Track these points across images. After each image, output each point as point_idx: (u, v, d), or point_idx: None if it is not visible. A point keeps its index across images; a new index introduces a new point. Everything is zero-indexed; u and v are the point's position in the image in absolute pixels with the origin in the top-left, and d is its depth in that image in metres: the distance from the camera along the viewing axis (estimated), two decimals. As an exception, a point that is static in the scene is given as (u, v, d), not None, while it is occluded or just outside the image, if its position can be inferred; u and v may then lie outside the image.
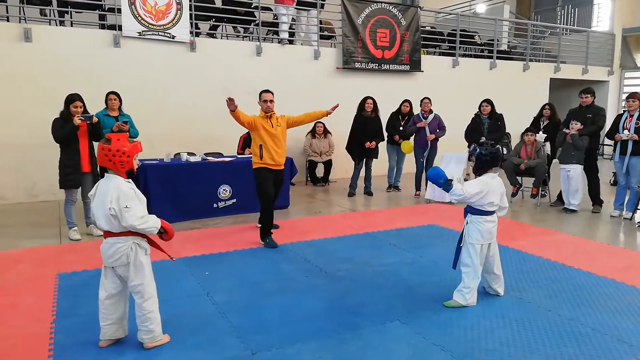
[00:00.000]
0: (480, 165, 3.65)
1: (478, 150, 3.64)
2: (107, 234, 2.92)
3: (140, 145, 3.03)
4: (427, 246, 5.22)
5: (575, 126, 6.62)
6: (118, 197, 2.82)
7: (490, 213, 3.63)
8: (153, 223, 2.94)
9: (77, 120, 5.22)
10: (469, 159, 3.74)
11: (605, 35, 14.23)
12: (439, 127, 7.90)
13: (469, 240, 3.61)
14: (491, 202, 3.57)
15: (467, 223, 3.66)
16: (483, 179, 3.60)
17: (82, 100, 5.37)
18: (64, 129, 5.23)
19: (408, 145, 7.96)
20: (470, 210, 3.65)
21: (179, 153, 7.00)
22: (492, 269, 3.76)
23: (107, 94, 6.38)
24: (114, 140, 2.90)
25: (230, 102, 5.01)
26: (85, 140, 5.44)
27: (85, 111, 5.41)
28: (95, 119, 5.46)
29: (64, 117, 5.29)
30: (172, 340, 3.12)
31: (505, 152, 7.57)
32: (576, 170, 6.71)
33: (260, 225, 5.39)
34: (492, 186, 3.58)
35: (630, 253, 5.08)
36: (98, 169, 5.69)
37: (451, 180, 3.55)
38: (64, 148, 5.37)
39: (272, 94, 5.31)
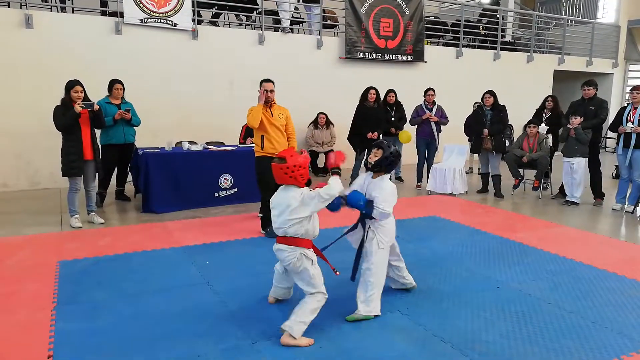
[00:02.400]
0: (386, 164, 3.36)
1: (393, 151, 3.37)
2: (280, 239, 3.09)
3: (307, 154, 3.16)
4: (428, 237, 5.22)
5: (576, 120, 6.59)
6: (303, 200, 3.00)
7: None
8: (334, 189, 3.04)
9: (78, 108, 5.19)
10: (374, 148, 3.42)
11: (610, 27, 14.11)
12: (441, 117, 7.91)
13: (380, 246, 3.34)
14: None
15: (369, 227, 3.39)
16: (389, 186, 3.36)
17: (82, 86, 5.33)
18: (66, 117, 5.21)
19: (406, 134, 7.90)
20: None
21: (180, 142, 6.98)
22: (398, 263, 3.64)
23: (113, 83, 6.35)
24: (288, 158, 3.01)
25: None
26: (87, 128, 5.41)
27: (85, 97, 5.37)
28: (96, 107, 5.43)
29: (65, 103, 5.26)
30: (173, 329, 3.13)
31: (507, 143, 7.53)
32: (580, 163, 6.69)
33: (261, 215, 5.39)
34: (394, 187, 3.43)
35: (632, 246, 5.08)
36: (100, 156, 5.68)
37: (372, 201, 3.28)
38: (66, 136, 5.34)
39: (273, 83, 5.26)
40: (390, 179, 3.52)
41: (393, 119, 8.11)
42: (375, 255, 3.33)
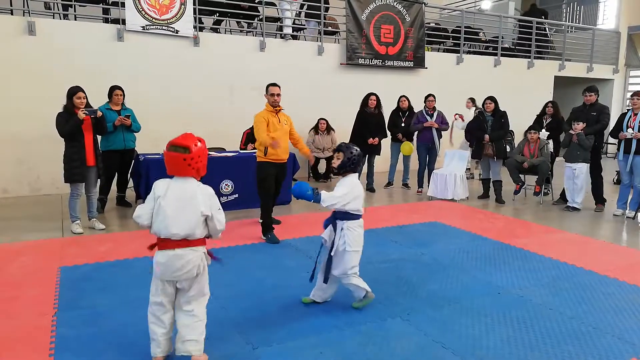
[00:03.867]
0: (349, 165, 3.42)
1: (352, 150, 3.42)
2: (177, 243, 2.66)
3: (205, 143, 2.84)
4: (429, 243, 5.21)
5: (578, 126, 6.60)
6: (209, 199, 2.72)
7: (360, 216, 3.47)
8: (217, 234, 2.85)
9: (81, 115, 5.21)
10: (335, 152, 3.53)
11: (610, 33, 14.15)
12: (442, 123, 7.93)
13: (354, 247, 3.41)
14: (359, 204, 3.43)
15: (341, 229, 3.41)
16: (350, 179, 3.43)
17: (84, 92, 5.36)
18: (69, 124, 5.22)
19: (408, 146, 7.95)
20: (343, 216, 3.41)
21: (181, 148, 6.99)
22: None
23: (112, 89, 6.38)
24: (192, 147, 2.65)
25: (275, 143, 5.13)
26: (89, 134, 5.43)
27: (87, 104, 5.40)
28: (99, 113, 5.46)
29: (67, 110, 5.28)
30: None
31: (508, 149, 7.55)
32: (582, 169, 6.69)
33: (261, 221, 5.39)
34: (359, 186, 3.44)
35: (633, 252, 5.07)
36: (101, 164, 5.69)
37: (317, 189, 3.32)
38: (68, 142, 5.35)
39: (280, 87, 5.29)
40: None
41: (403, 124, 8.14)
42: (345, 260, 3.41)
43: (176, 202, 2.66)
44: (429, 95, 7.96)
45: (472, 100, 9.27)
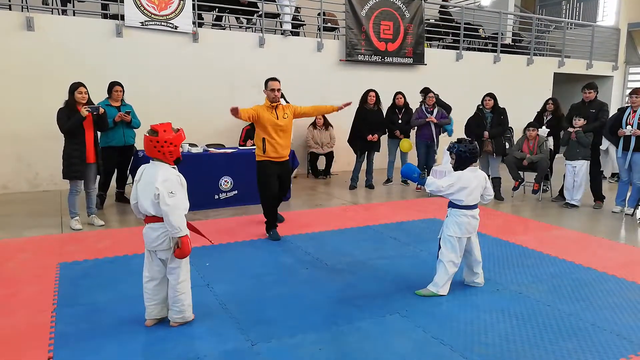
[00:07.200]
0: (460, 162, 3.69)
1: (457, 147, 3.68)
2: (151, 219, 3.03)
3: (183, 133, 3.14)
4: (428, 240, 5.21)
5: (579, 122, 6.60)
6: (164, 181, 2.96)
7: (469, 207, 3.67)
8: (182, 227, 2.98)
9: (84, 112, 5.20)
10: (451, 157, 3.78)
11: (610, 30, 14.13)
12: (442, 118, 7.96)
13: (447, 232, 3.69)
14: (468, 195, 3.63)
15: (447, 216, 3.76)
16: (457, 173, 3.66)
17: (85, 88, 5.34)
18: (71, 120, 5.20)
19: (407, 143, 7.95)
20: (450, 204, 3.75)
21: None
22: (471, 261, 3.85)
23: (112, 85, 6.36)
24: (160, 132, 2.99)
25: (233, 110, 4.74)
26: (90, 131, 5.42)
27: (89, 99, 5.39)
28: (101, 110, 5.46)
29: (69, 106, 5.27)
30: (172, 330, 3.14)
31: (507, 146, 7.54)
32: (582, 166, 6.69)
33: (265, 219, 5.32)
34: (469, 179, 3.63)
35: (631, 249, 5.08)
36: (101, 160, 5.69)
37: (424, 173, 3.65)
38: (69, 139, 5.33)
39: (279, 82, 5.07)
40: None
41: (400, 121, 8.13)
42: (442, 242, 3.72)
43: (143, 184, 3.02)
44: (429, 91, 7.94)
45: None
